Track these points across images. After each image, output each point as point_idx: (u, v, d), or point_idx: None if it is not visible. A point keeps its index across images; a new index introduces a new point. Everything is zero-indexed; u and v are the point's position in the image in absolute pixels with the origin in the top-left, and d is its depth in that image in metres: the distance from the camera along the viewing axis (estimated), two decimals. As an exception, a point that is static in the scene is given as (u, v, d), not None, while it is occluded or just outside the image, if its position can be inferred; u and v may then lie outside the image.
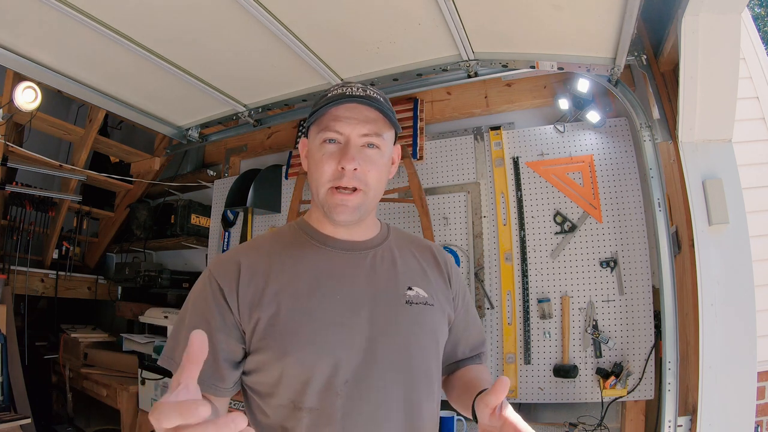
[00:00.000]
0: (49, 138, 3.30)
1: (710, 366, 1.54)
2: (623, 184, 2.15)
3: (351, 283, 0.86)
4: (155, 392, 2.56)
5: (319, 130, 0.85)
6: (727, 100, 1.58)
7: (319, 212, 0.90)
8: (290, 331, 0.79)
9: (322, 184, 0.84)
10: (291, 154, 2.90)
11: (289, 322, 0.80)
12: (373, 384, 0.80)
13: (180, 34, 1.95)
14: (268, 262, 0.86)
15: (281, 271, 0.84)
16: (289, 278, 0.84)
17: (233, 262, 0.85)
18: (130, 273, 3.41)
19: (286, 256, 0.87)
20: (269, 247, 0.89)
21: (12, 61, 2.06)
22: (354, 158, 0.81)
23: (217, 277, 0.83)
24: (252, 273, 0.83)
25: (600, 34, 1.74)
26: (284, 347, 0.78)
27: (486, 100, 2.53)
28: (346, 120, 0.83)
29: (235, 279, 0.82)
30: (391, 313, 0.85)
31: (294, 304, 0.81)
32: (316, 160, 0.85)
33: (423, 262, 0.96)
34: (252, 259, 0.86)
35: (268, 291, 0.82)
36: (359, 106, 0.84)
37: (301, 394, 0.78)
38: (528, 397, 2.14)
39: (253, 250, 0.88)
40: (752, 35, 2.24)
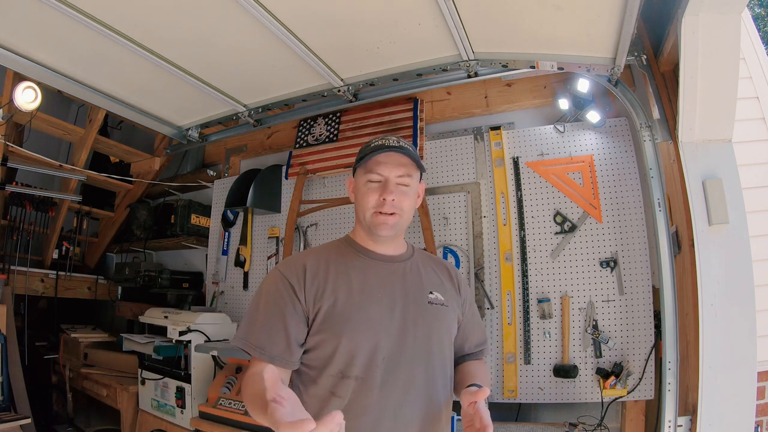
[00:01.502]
0: (49, 138, 3.29)
1: (710, 366, 1.55)
2: (623, 184, 2.15)
3: (389, 286, 1.13)
4: (155, 392, 2.55)
5: (365, 171, 1.14)
6: (727, 100, 1.58)
7: (363, 231, 1.19)
8: (344, 318, 1.06)
9: (368, 209, 1.14)
10: (291, 154, 2.90)
11: (343, 311, 1.06)
12: (403, 360, 1.07)
13: (180, 34, 1.95)
14: (326, 266, 1.13)
15: (337, 273, 1.11)
16: (343, 279, 1.11)
17: (300, 265, 1.11)
18: (130, 273, 3.40)
19: (340, 263, 1.15)
20: (326, 256, 1.16)
21: (12, 61, 2.06)
22: (392, 192, 1.12)
23: (287, 276, 1.09)
24: (314, 273, 1.10)
25: (600, 34, 1.74)
26: (340, 329, 1.05)
27: (486, 100, 2.53)
28: (385, 165, 1.13)
29: (302, 278, 1.09)
30: (417, 310, 1.13)
31: (348, 299, 1.08)
32: (363, 193, 1.15)
33: (440, 275, 1.26)
34: (314, 263, 1.13)
35: (327, 287, 1.08)
36: (395, 154, 1.14)
37: (349, 366, 1.04)
38: (528, 397, 2.14)
39: (313, 257, 1.15)
40: (752, 35, 2.24)
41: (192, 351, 2.39)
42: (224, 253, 3.13)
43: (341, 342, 1.04)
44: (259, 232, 3.03)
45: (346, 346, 1.04)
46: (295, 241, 2.79)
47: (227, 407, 2.19)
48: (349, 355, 1.04)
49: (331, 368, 1.05)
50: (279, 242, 2.91)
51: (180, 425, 2.40)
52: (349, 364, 1.04)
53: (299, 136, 2.91)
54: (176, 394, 2.42)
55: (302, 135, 2.90)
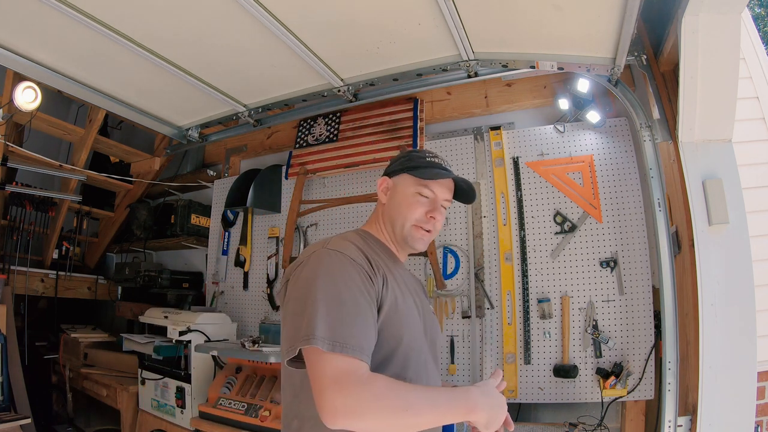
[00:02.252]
0: (49, 138, 3.29)
1: (710, 366, 1.54)
2: (623, 184, 2.15)
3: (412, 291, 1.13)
4: (155, 392, 2.55)
5: (419, 184, 1.13)
6: (727, 100, 1.58)
7: (389, 235, 1.16)
8: (403, 318, 1.02)
9: (410, 220, 1.12)
10: (291, 154, 2.90)
11: (401, 311, 1.02)
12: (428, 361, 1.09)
13: (180, 34, 1.95)
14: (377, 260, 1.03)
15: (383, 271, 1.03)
16: (391, 277, 1.04)
17: (360, 252, 1.00)
18: (130, 273, 3.40)
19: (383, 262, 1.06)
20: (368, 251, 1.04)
21: (12, 61, 2.06)
22: (439, 211, 1.13)
23: (357, 260, 0.97)
24: (376, 264, 1.01)
25: (600, 34, 1.74)
26: (400, 331, 1.00)
27: (486, 100, 2.53)
28: (441, 187, 1.14)
29: (369, 267, 0.99)
30: (429, 316, 1.16)
31: (402, 299, 1.04)
32: (409, 202, 1.13)
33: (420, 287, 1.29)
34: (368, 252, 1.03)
35: (388, 283, 1.01)
36: (450, 181, 1.15)
37: (406, 367, 1.00)
38: (528, 397, 2.14)
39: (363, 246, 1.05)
40: (752, 35, 2.24)
41: (192, 351, 2.39)
42: (224, 253, 3.13)
43: (402, 341, 1.00)
44: (259, 232, 3.03)
45: (405, 346, 1.01)
46: (295, 241, 2.79)
47: (227, 407, 2.19)
48: (406, 355, 1.01)
49: (389, 369, 0.96)
50: (279, 242, 2.91)
51: (180, 425, 2.40)
52: (406, 365, 1.01)
53: (299, 136, 2.91)
54: (176, 394, 2.42)
55: (302, 135, 2.90)
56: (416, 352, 1.04)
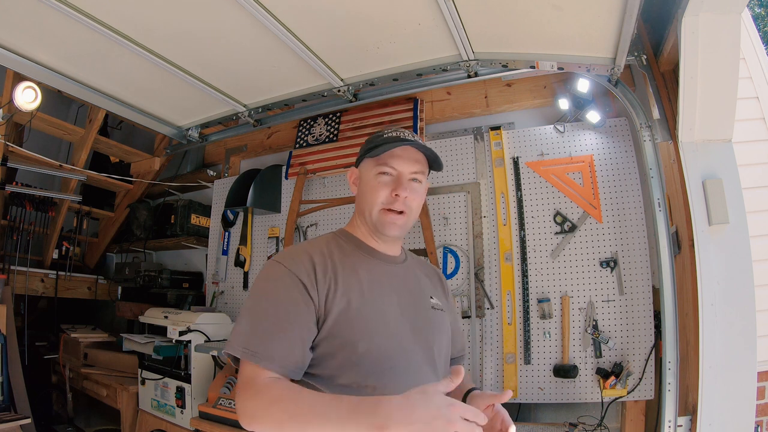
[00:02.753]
0: (49, 138, 3.29)
1: (710, 366, 1.54)
2: (623, 184, 2.15)
3: (397, 289, 1.05)
4: (155, 392, 2.55)
5: (378, 164, 1.05)
6: (727, 100, 1.58)
7: (365, 228, 1.09)
8: (360, 322, 0.95)
9: (375, 204, 1.04)
10: (291, 154, 2.90)
11: (359, 314, 0.95)
12: (415, 368, 0.98)
13: (180, 34, 1.95)
14: (333, 264, 1.00)
15: (344, 274, 0.99)
16: (353, 280, 0.99)
17: (307, 259, 0.98)
18: (130, 273, 3.40)
19: (346, 261, 1.03)
20: (329, 253, 1.03)
21: (12, 61, 2.06)
22: (406, 188, 1.03)
23: (296, 272, 0.95)
24: (324, 270, 0.97)
25: (600, 34, 1.74)
26: (355, 335, 0.93)
27: (486, 100, 2.53)
28: (400, 159, 1.04)
29: (313, 275, 0.95)
30: (424, 315, 1.07)
31: (361, 301, 0.97)
32: (372, 186, 1.05)
33: (433, 280, 1.20)
34: (320, 259, 1.00)
35: (339, 288, 0.96)
36: (411, 148, 1.05)
37: (365, 375, 0.92)
38: (528, 397, 2.14)
39: (317, 251, 1.02)
40: (752, 35, 2.24)
41: (192, 351, 2.39)
42: (224, 253, 3.13)
43: (357, 348, 0.92)
44: (259, 232, 3.03)
45: (363, 353, 0.92)
46: (295, 241, 2.79)
47: (227, 407, 2.19)
48: (365, 362, 0.92)
49: (343, 378, 0.92)
50: (279, 242, 2.91)
51: (180, 425, 2.40)
52: (365, 373, 0.92)
53: (299, 136, 2.91)
54: (176, 394, 2.42)
55: (302, 135, 2.90)
56: (386, 357, 0.94)
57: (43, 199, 3.30)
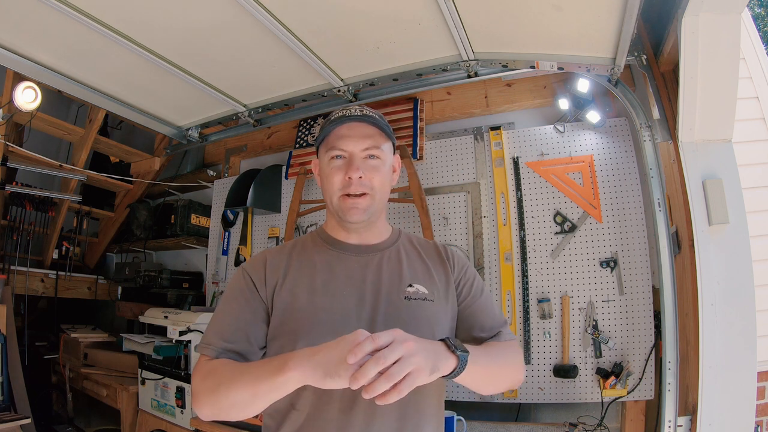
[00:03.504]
0: (49, 138, 3.29)
1: (710, 366, 1.54)
2: (623, 184, 2.15)
3: (358, 282, 0.99)
4: (155, 392, 2.55)
5: (327, 149, 1.00)
6: (727, 100, 1.58)
7: (333, 220, 1.06)
8: (302, 320, 0.93)
9: (333, 192, 0.99)
10: (291, 154, 2.90)
11: (302, 311, 0.94)
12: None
13: (180, 34, 1.95)
14: (288, 261, 1.02)
15: (298, 269, 1.00)
16: (304, 275, 0.99)
17: (260, 259, 1.03)
18: (130, 273, 3.40)
19: (304, 257, 1.03)
20: (290, 250, 1.06)
21: (12, 61, 2.06)
22: (358, 168, 0.97)
23: (249, 272, 1.01)
24: (274, 268, 1.00)
25: (600, 34, 1.73)
26: (296, 333, 0.92)
27: (486, 100, 2.53)
28: (348, 138, 0.99)
29: (262, 272, 0.99)
30: (390, 308, 0.97)
31: (308, 297, 0.96)
32: (327, 174, 1.00)
33: (428, 260, 1.08)
34: (275, 257, 1.03)
35: (285, 284, 0.98)
36: (358, 124, 1.00)
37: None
38: (528, 397, 2.14)
39: (277, 252, 1.06)
40: (752, 35, 2.24)
41: (192, 351, 2.39)
42: (224, 253, 3.13)
43: (297, 345, 0.88)
44: (259, 232, 3.03)
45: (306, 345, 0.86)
46: (295, 241, 2.78)
47: (227, 407, 2.19)
48: None
49: None
50: (279, 242, 2.91)
51: (180, 425, 2.40)
52: None
53: (299, 136, 2.91)
54: (176, 394, 2.42)
55: (302, 135, 2.90)
56: None
57: (43, 199, 3.30)
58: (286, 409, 0.94)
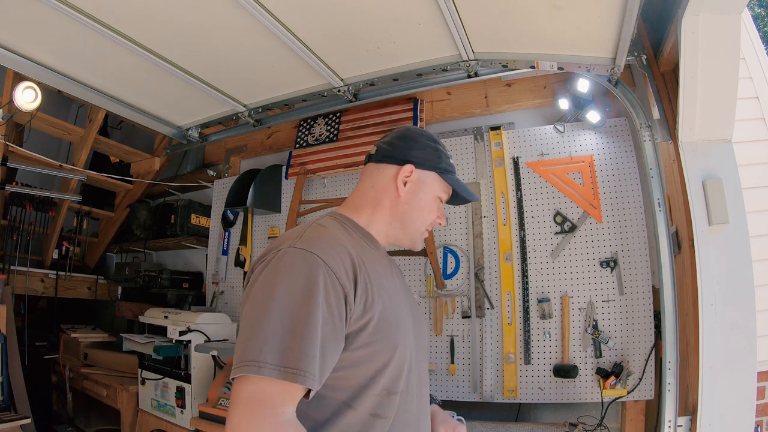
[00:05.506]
0: (49, 138, 3.29)
1: (710, 366, 1.54)
2: (623, 184, 2.15)
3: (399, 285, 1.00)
4: (155, 392, 2.55)
5: (443, 190, 1.04)
6: (727, 100, 1.58)
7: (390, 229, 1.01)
8: (395, 324, 0.88)
9: (425, 223, 1.03)
10: (291, 154, 2.90)
11: (392, 317, 0.88)
12: (420, 364, 0.98)
13: (180, 34, 1.95)
14: (360, 259, 0.86)
15: (371, 271, 0.88)
16: (376, 277, 0.88)
17: (347, 256, 0.83)
18: (130, 273, 3.40)
19: (365, 256, 0.90)
20: (348, 243, 0.88)
21: (12, 61, 2.06)
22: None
23: (337, 273, 0.79)
24: (360, 267, 0.84)
25: (600, 34, 1.74)
26: (394, 339, 0.87)
27: (486, 100, 2.53)
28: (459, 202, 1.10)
29: (353, 276, 0.82)
30: (416, 310, 1.04)
31: (389, 302, 0.89)
32: (428, 205, 1.02)
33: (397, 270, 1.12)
34: (354, 251, 0.86)
35: (374, 290, 0.85)
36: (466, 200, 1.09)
37: (397, 380, 0.87)
38: (528, 397, 2.14)
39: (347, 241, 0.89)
40: (752, 35, 2.24)
41: (192, 351, 2.39)
42: (224, 253, 3.13)
43: (396, 353, 0.85)
44: (259, 232, 3.03)
45: (399, 357, 0.86)
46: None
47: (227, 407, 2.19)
48: (398, 367, 0.87)
49: (376, 386, 0.84)
50: (279, 242, 2.91)
51: (180, 425, 2.40)
52: (397, 377, 0.87)
53: (299, 136, 2.91)
54: (176, 394, 2.42)
55: (302, 135, 2.90)
56: (410, 358, 0.91)
57: (43, 199, 3.30)
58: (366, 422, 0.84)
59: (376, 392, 0.83)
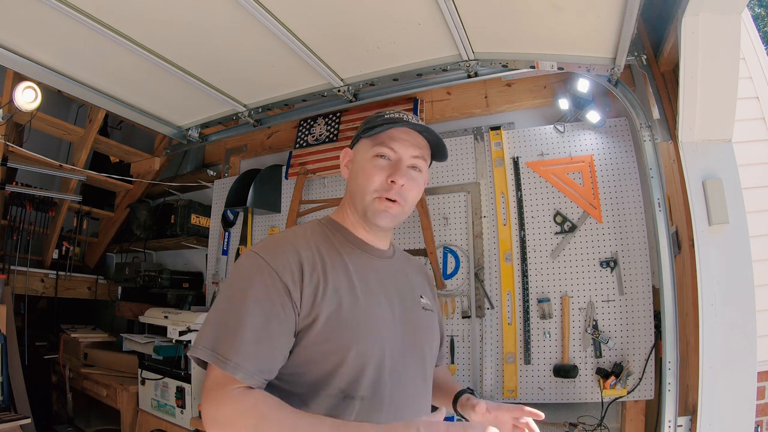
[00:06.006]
0: (49, 138, 3.29)
1: (710, 366, 1.54)
2: (623, 184, 2.15)
3: (387, 287, 0.96)
4: (155, 392, 2.55)
5: (375, 144, 0.94)
6: (727, 100, 1.58)
7: (355, 216, 0.98)
8: (353, 325, 0.85)
9: (369, 191, 0.93)
10: (291, 154, 2.90)
11: (350, 317, 0.86)
12: (407, 375, 0.91)
13: (180, 34, 1.95)
14: (320, 257, 0.89)
15: (333, 270, 0.89)
16: (343, 277, 0.89)
17: (294, 257, 0.86)
18: (130, 273, 3.40)
19: (334, 254, 0.92)
20: (315, 243, 0.92)
21: (12, 61, 2.06)
22: (404, 175, 0.93)
23: (279, 272, 0.83)
24: (312, 267, 0.86)
25: (600, 34, 1.74)
26: (347, 341, 0.84)
27: (486, 100, 2.53)
28: (401, 141, 0.94)
29: (299, 274, 0.84)
30: (414, 316, 0.98)
31: (353, 302, 0.87)
32: (365, 169, 0.94)
33: (421, 278, 1.11)
34: (307, 254, 0.88)
35: (328, 287, 0.86)
36: (415, 132, 0.96)
37: (354, 384, 0.84)
38: (528, 397, 2.14)
39: (304, 244, 0.90)
40: (752, 35, 2.24)
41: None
42: (224, 253, 3.13)
43: (349, 355, 0.83)
44: (259, 232, 3.03)
45: (355, 360, 0.84)
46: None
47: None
48: (357, 370, 0.84)
49: (330, 387, 0.83)
50: (279, 242, 2.91)
51: (180, 425, 2.40)
52: (355, 381, 0.84)
53: (299, 136, 2.91)
54: (176, 394, 2.42)
55: (302, 135, 2.90)
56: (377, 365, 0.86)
57: (43, 199, 3.30)
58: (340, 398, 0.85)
59: (331, 393, 0.84)
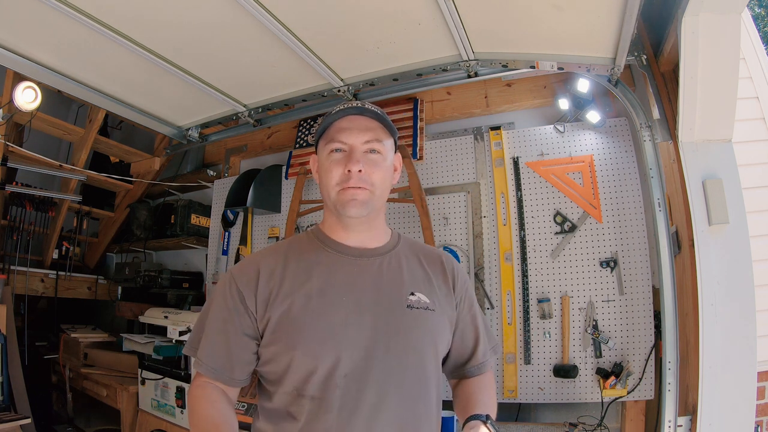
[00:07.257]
0: (49, 138, 3.29)
1: (710, 366, 1.54)
2: (623, 184, 2.15)
3: (358, 288, 0.94)
4: (155, 392, 2.55)
5: (326, 142, 0.96)
6: (727, 100, 1.58)
7: (332, 218, 1.00)
8: (299, 327, 0.89)
9: (332, 187, 0.95)
10: (291, 154, 2.90)
11: (298, 319, 0.90)
12: (370, 380, 0.88)
13: (180, 34, 1.95)
14: (284, 264, 0.96)
15: (295, 274, 0.95)
16: (302, 280, 0.94)
17: (253, 267, 0.96)
18: (130, 273, 3.40)
19: (301, 260, 0.97)
20: (286, 251, 1.00)
21: (12, 61, 2.06)
22: (359, 161, 0.93)
23: (237, 281, 0.95)
24: (269, 275, 0.94)
25: (600, 34, 1.74)
26: (293, 341, 0.89)
27: (486, 100, 2.53)
28: (348, 130, 0.95)
29: (254, 282, 0.94)
30: (391, 317, 0.93)
31: (305, 304, 0.91)
32: (326, 168, 0.96)
33: (430, 270, 1.04)
34: (269, 261, 0.97)
35: (281, 291, 0.92)
36: (358, 117, 0.96)
37: (305, 384, 0.88)
38: (528, 397, 2.14)
39: (271, 254, 0.99)
40: (752, 35, 2.24)
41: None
42: (224, 253, 3.13)
43: (295, 355, 0.87)
44: (259, 232, 3.03)
45: (302, 361, 0.87)
46: (295, 241, 2.78)
47: (227, 407, 2.19)
48: (305, 370, 0.87)
49: (285, 385, 0.90)
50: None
51: (180, 425, 2.40)
52: (305, 381, 0.87)
53: (299, 136, 2.91)
54: (176, 394, 2.42)
55: (302, 135, 2.90)
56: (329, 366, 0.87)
57: (43, 199, 3.30)
58: (282, 416, 0.90)
59: (287, 391, 0.90)
